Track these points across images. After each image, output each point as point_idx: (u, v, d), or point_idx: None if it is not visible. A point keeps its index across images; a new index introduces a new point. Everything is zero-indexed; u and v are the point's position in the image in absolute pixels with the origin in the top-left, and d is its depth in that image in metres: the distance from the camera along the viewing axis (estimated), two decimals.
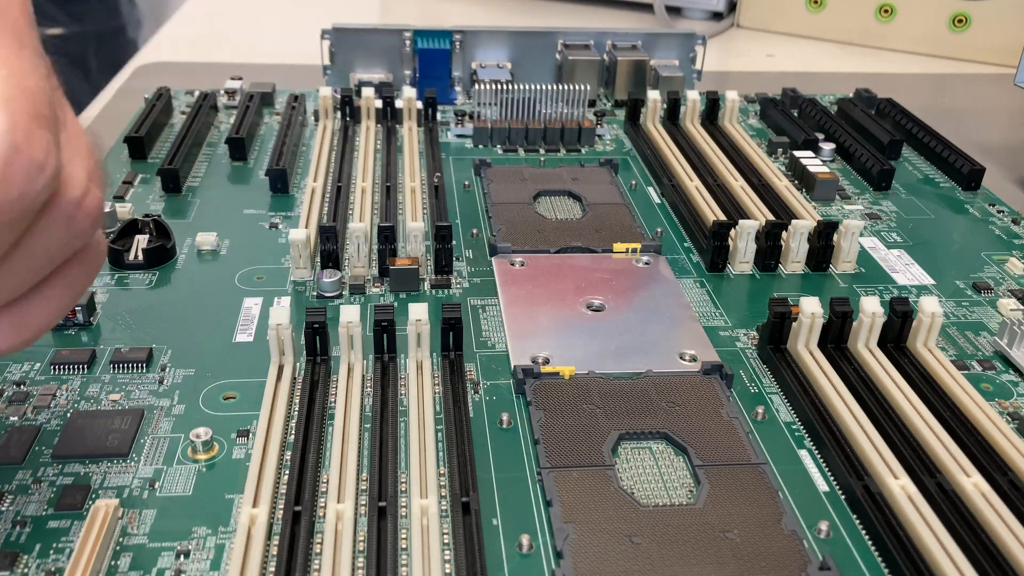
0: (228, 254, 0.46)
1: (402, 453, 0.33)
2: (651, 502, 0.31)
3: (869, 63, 0.84)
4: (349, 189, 0.50)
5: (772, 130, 0.63)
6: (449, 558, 0.28)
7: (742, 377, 0.38)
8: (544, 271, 0.44)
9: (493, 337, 0.40)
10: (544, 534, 0.30)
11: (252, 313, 0.41)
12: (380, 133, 0.58)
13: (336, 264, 0.43)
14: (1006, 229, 0.51)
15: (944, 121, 0.63)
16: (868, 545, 0.30)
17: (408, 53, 0.65)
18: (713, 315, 0.42)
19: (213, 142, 0.58)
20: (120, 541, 0.29)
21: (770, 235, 0.45)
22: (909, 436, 0.33)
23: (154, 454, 0.33)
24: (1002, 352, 0.40)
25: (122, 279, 0.43)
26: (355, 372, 0.36)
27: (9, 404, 0.35)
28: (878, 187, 0.55)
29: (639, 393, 0.36)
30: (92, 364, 0.37)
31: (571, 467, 0.32)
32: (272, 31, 0.87)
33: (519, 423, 0.35)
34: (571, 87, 0.58)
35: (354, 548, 0.28)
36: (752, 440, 0.34)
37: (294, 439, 0.33)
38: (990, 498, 0.30)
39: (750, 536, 0.29)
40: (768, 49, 0.87)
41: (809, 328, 0.37)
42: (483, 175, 0.54)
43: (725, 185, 0.52)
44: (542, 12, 0.93)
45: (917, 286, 0.45)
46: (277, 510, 0.30)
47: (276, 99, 0.64)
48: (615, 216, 0.49)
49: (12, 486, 0.31)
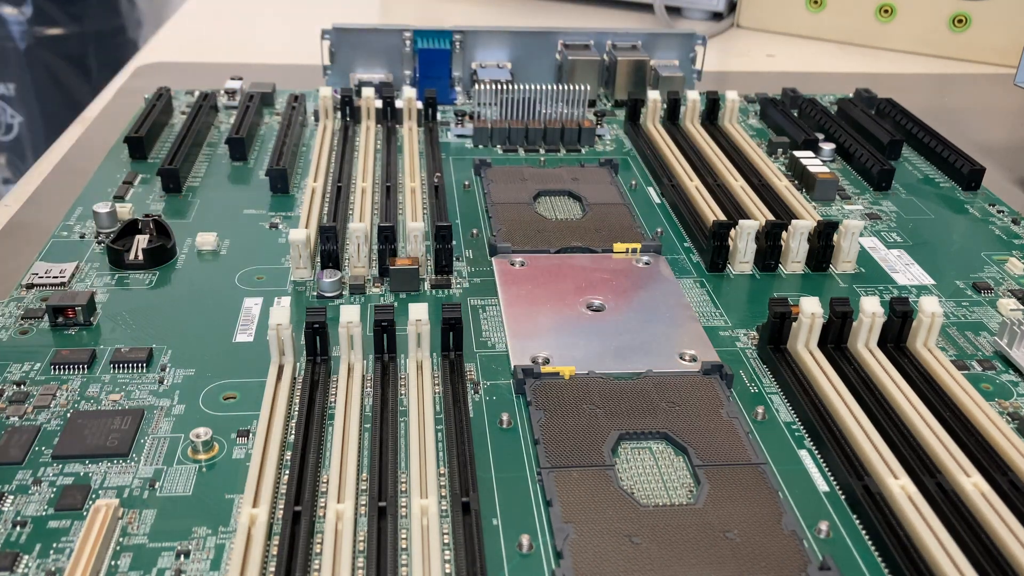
0: (228, 254, 0.46)
1: (402, 453, 0.33)
2: (651, 502, 0.31)
3: (869, 63, 0.84)
4: (349, 189, 0.50)
5: (772, 130, 0.63)
6: (449, 558, 0.28)
7: (742, 377, 0.38)
8: (544, 271, 0.44)
9: (493, 337, 0.40)
10: (544, 534, 0.30)
11: (252, 313, 0.41)
12: (380, 133, 0.58)
13: (336, 264, 0.43)
14: (1006, 229, 0.51)
15: (944, 121, 0.63)
16: (868, 545, 0.30)
17: (408, 53, 0.65)
18: (713, 315, 0.42)
19: (213, 142, 0.58)
20: (120, 541, 0.29)
21: (770, 235, 0.45)
22: (909, 436, 0.33)
23: (154, 454, 0.33)
24: (1002, 352, 0.40)
25: (122, 279, 0.43)
26: (355, 372, 0.36)
27: (9, 404, 0.35)
28: (878, 187, 0.55)
29: (639, 393, 0.36)
30: (92, 364, 0.37)
31: (571, 467, 0.32)
32: (272, 31, 0.87)
33: (519, 423, 0.35)
34: (571, 87, 0.58)
35: (354, 548, 0.28)
36: (752, 440, 0.34)
37: (294, 439, 0.33)
38: (990, 498, 0.30)
39: (750, 536, 0.29)
40: (768, 49, 0.87)
41: (809, 328, 0.37)
42: (483, 175, 0.54)
43: (725, 185, 0.52)
44: (542, 12, 0.93)
45: (917, 286, 0.45)
46: (277, 510, 0.30)
47: (276, 99, 0.64)
48: (615, 216, 0.49)
49: (12, 486, 0.31)
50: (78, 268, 0.44)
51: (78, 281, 0.43)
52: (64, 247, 0.45)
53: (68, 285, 0.42)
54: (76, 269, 0.43)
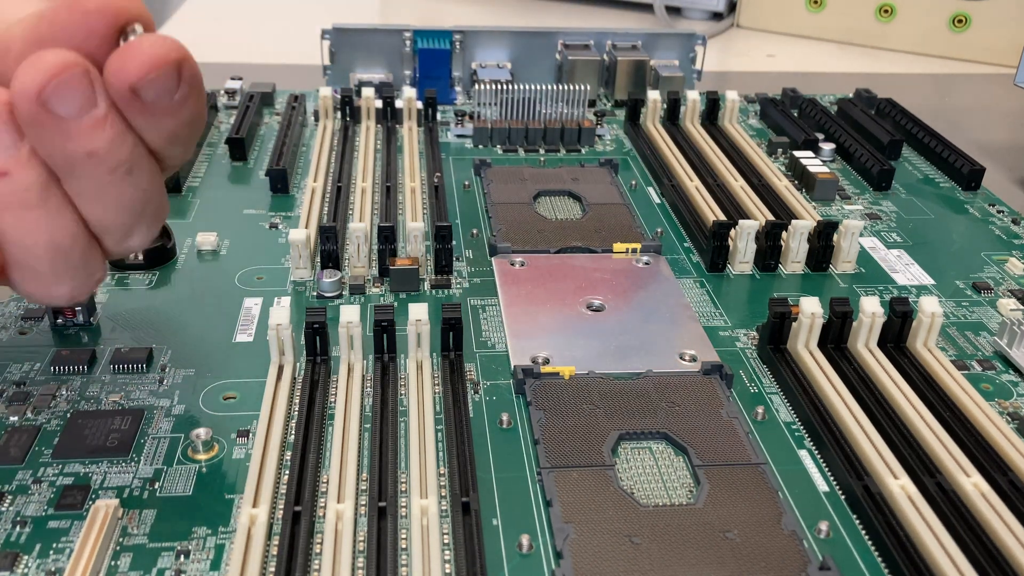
0: (228, 254, 0.46)
1: (402, 453, 0.33)
2: (651, 502, 0.31)
3: (869, 63, 0.84)
4: (349, 189, 0.50)
5: (772, 130, 0.63)
6: (449, 558, 0.28)
7: (742, 377, 0.38)
8: (544, 271, 0.44)
9: (493, 337, 0.40)
10: (544, 534, 0.30)
11: (252, 313, 0.41)
12: (380, 133, 0.58)
13: (336, 264, 0.43)
14: (1006, 229, 0.51)
15: (944, 121, 0.63)
16: (868, 545, 0.30)
17: (408, 53, 0.65)
18: (713, 315, 0.42)
19: (213, 142, 0.58)
20: (120, 541, 0.29)
21: (770, 235, 0.45)
22: (909, 436, 0.33)
23: (154, 454, 0.33)
24: (1002, 352, 0.40)
25: (122, 279, 0.43)
26: (355, 372, 0.36)
27: (9, 404, 0.35)
28: (878, 187, 0.55)
29: (639, 393, 0.36)
30: (92, 364, 0.37)
31: (571, 467, 0.32)
32: (272, 31, 0.87)
33: (519, 423, 0.35)
34: (571, 87, 0.58)
35: (354, 548, 0.28)
36: (752, 440, 0.34)
37: (294, 439, 0.33)
38: (990, 498, 0.30)
39: (750, 536, 0.29)
40: (768, 49, 0.87)
41: (809, 328, 0.37)
42: (483, 175, 0.54)
43: (725, 185, 0.52)
44: (542, 12, 0.93)
45: (917, 286, 0.45)
46: (277, 510, 0.30)
47: (276, 99, 0.64)
48: (615, 216, 0.49)
49: (12, 486, 0.31)
50: None
51: None
52: None
53: None
54: None
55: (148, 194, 0.29)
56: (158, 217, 0.30)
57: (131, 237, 0.29)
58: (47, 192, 0.27)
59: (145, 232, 0.30)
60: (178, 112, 0.27)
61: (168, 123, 0.27)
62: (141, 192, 0.28)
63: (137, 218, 0.29)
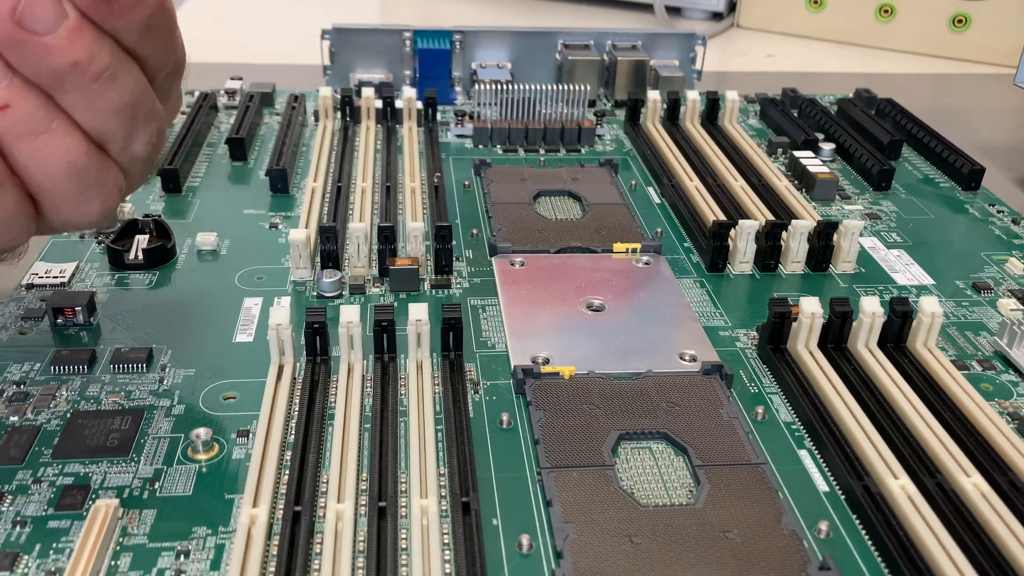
0: (228, 254, 0.46)
1: (402, 453, 0.33)
2: (651, 502, 0.31)
3: (869, 63, 0.84)
4: (349, 189, 0.50)
5: (772, 130, 0.63)
6: (449, 558, 0.28)
7: (742, 377, 0.38)
8: (544, 271, 0.44)
9: (493, 337, 0.40)
10: (544, 534, 0.30)
11: (252, 313, 0.41)
12: (380, 133, 0.58)
13: (336, 264, 0.43)
14: (1006, 229, 0.51)
15: (944, 121, 0.63)
16: (868, 545, 0.30)
17: (408, 53, 0.65)
18: (713, 315, 0.42)
19: (213, 142, 0.58)
20: (120, 541, 0.29)
21: (770, 235, 0.45)
22: (909, 436, 0.33)
23: (154, 454, 0.33)
24: (1002, 352, 0.40)
25: (122, 279, 0.43)
26: (355, 372, 0.36)
27: (9, 404, 0.35)
28: (878, 187, 0.55)
29: (639, 393, 0.36)
30: (92, 364, 0.37)
31: (571, 467, 0.32)
32: (272, 31, 0.87)
33: (519, 423, 0.35)
34: (571, 87, 0.58)
35: (354, 548, 0.28)
36: (752, 440, 0.34)
37: (294, 439, 0.33)
38: (990, 498, 0.30)
39: (750, 536, 0.29)
40: (768, 49, 0.87)
41: (809, 328, 0.37)
42: (483, 175, 0.54)
43: (725, 185, 0.52)
44: (542, 12, 0.93)
45: (917, 286, 0.45)
46: (277, 510, 0.30)
47: (276, 99, 0.64)
48: (615, 216, 0.49)
49: (12, 486, 0.31)
50: (78, 268, 0.44)
51: (78, 281, 0.43)
52: (64, 247, 0.45)
53: (68, 285, 0.42)
54: (76, 269, 0.43)
55: (136, 96, 0.30)
56: (151, 120, 0.32)
57: (133, 143, 0.31)
58: (50, 114, 0.29)
59: (143, 137, 0.32)
60: (142, 1, 0.29)
61: (137, 15, 0.29)
62: (128, 94, 0.30)
63: (131, 122, 0.31)
